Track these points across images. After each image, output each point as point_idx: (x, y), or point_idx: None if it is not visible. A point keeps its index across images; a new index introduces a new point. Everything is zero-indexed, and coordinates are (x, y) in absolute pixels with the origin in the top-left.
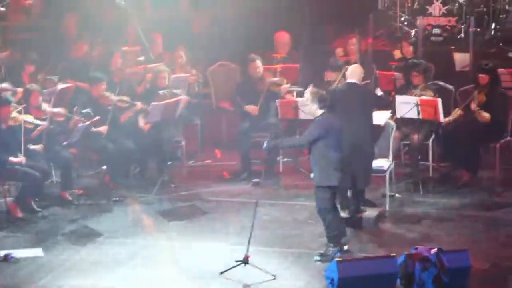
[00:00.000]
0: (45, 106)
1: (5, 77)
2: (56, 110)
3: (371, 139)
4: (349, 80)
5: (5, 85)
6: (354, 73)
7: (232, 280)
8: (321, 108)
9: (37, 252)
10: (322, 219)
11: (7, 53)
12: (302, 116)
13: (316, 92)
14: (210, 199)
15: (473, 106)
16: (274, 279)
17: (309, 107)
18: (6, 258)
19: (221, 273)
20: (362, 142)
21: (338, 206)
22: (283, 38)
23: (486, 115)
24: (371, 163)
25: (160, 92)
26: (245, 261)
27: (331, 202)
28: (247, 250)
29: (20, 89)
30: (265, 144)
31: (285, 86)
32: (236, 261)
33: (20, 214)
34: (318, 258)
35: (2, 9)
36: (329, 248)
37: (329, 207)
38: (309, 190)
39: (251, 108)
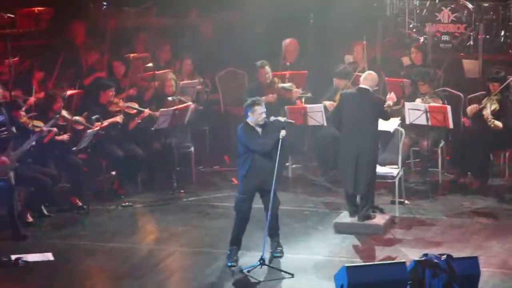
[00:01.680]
0: (65, 113)
1: (14, 83)
2: (76, 118)
3: (375, 145)
4: (361, 85)
5: (17, 92)
6: (367, 79)
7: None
8: None
9: (47, 256)
10: (277, 217)
11: (17, 60)
12: (310, 122)
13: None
14: (219, 205)
15: (485, 114)
16: (293, 277)
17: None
18: (16, 262)
19: (241, 270)
20: (365, 147)
21: (347, 212)
22: (291, 44)
23: (499, 124)
24: (371, 169)
25: (170, 98)
26: (263, 262)
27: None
28: (263, 252)
29: (32, 98)
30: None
31: (297, 90)
32: (259, 261)
33: (30, 219)
34: (281, 254)
35: (11, 16)
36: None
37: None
38: (317, 195)
39: (270, 97)
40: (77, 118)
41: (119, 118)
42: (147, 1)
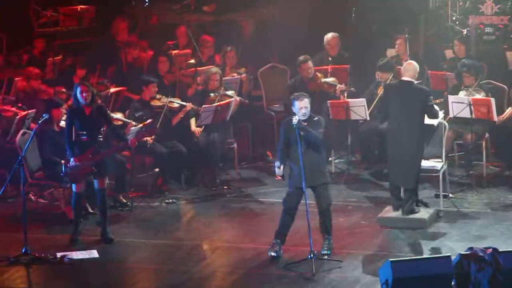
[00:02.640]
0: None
1: (58, 81)
2: (116, 115)
3: (420, 138)
4: (403, 78)
5: (62, 90)
6: (407, 70)
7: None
8: None
9: (93, 253)
10: (327, 214)
11: (60, 58)
12: (353, 116)
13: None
14: (262, 200)
15: None
16: (340, 267)
17: (309, 108)
18: (62, 259)
19: (287, 265)
20: (407, 140)
21: (391, 206)
22: (333, 39)
23: None
24: (417, 162)
25: (211, 94)
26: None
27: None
28: (311, 246)
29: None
30: (294, 120)
31: (340, 86)
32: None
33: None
34: (328, 252)
35: (55, 14)
36: (330, 241)
37: (287, 207)
38: (361, 190)
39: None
40: (115, 114)
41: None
42: None
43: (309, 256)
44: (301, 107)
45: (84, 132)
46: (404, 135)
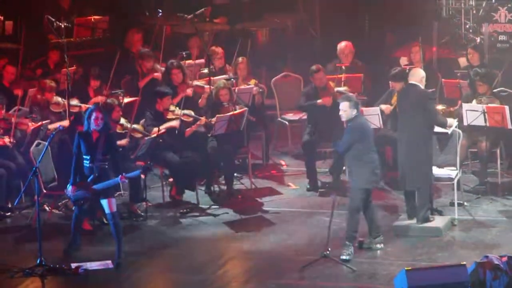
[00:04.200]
0: (123, 121)
1: (72, 92)
2: (135, 126)
3: (420, 140)
4: (409, 81)
5: (75, 102)
6: (413, 75)
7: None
8: (356, 112)
9: (107, 264)
10: (349, 218)
11: (73, 69)
12: None
13: (351, 97)
14: (276, 209)
15: None
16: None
17: (347, 112)
18: (76, 270)
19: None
20: (413, 141)
21: (406, 215)
22: (347, 47)
23: None
24: (420, 164)
25: (225, 104)
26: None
27: (363, 202)
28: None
29: (84, 105)
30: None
31: (352, 95)
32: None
33: (89, 227)
34: (346, 258)
35: (68, 25)
36: (349, 248)
37: (361, 207)
38: (376, 199)
39: (325, 100)
40: (135, 125)
41: (175, 123)
42: (202, 8)
43: (322, 254)
44: (340, 108)
45: (88, 157)
46: (407, 138)
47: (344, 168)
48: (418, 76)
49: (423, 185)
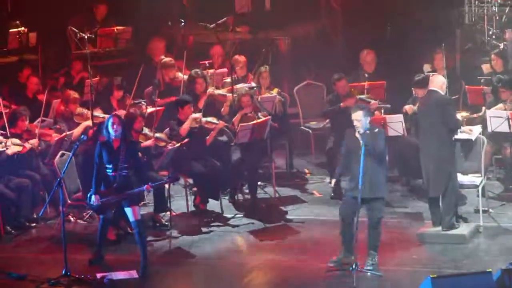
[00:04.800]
0: (147, 131)
1: (95, 102)
2: (158, 135)
3: (442, 146)
4: (430, 88)
5: (98, 112)
6: (433, 81)
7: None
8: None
9: (132, 274)
10: (375, 228)
11: (97, 79)
12: (390, 133)
13: (365, 106)
14: (300, 218)
15: None
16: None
17: (362, 122)
18: (102, 280)
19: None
20: (432, 148)
21: (431, 222)
22: (369, 55)
23: None
24: (443, 170)
25: (248, 112)
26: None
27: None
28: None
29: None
30: (361, 131)
31: (375, 102)
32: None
33: (114, 237)
34: (370, 268)
35: (91, 36)
36: (375, 257)
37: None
38: (399, 205)
39: (348, 102)
40: (158, 135)
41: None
42: (225, 17)
43: (351, 268)
44: (353, 119)
45: (110, 166)
46: (429, 143)
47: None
48: (438, 83)
49: (448, 191)
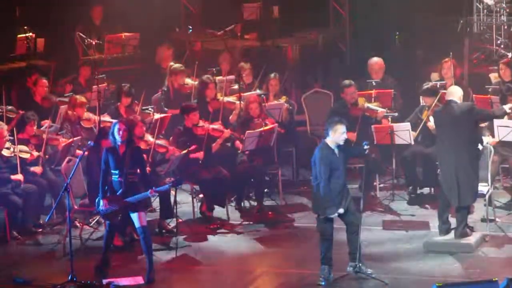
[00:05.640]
0: (149, 137)
1: (103, 109)
2: (159, 142)
3: (470, 155)
4: (449, 98)
5: (106, 118)
6: (452, 93)
7: None
8: None
9: (138, 280)
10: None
11: (105, 85)
12: (397, 141)
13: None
14: (307, 225)
15: None
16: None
17: None
18: (108, 286)
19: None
20: (461, 158)
21: (437, 230)
22: (377, 63)
23: None
24: (472, 180)
25: (256, 119)
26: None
27: None
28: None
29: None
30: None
31: (382, 111)
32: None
33: (120, 243)
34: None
35: (99, 42)
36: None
37: None
38: (405, 214)
39: (350, 135)
40: (159, 141)
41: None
42: (233, 24)
43: (348, 269)
44: (343, 131)
45: (116, 172)
46: (456, 154)
47: (374, 183)
48: (457, 93)
49: (474, 201)
